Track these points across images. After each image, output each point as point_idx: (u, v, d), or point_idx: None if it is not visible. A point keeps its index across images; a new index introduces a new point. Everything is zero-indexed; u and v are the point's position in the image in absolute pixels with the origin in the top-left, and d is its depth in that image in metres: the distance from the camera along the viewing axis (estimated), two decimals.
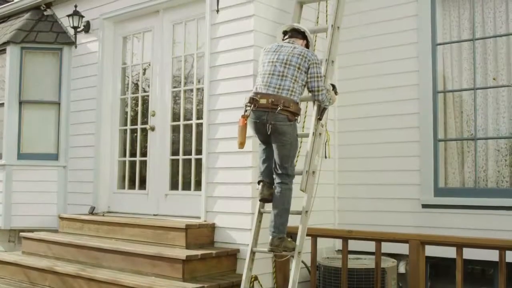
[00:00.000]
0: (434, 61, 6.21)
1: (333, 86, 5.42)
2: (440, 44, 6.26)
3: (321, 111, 5.29)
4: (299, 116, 5.06)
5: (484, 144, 6.06)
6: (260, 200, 5.22)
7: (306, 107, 6.19)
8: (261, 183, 5.15)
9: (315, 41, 6.36)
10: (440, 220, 6.00)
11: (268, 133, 4.91)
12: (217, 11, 6.21)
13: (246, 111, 4.98)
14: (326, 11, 6.70)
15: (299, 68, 4.97)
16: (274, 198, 5.02)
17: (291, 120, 4.93)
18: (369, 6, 6.64)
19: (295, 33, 5.33)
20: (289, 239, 5.00)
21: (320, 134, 5.24)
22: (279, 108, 4.83)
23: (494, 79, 6.02)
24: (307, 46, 5.36)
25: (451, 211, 5.96)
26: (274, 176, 5.08)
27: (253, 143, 5.76)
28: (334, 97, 5.37)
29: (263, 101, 4.90)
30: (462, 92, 6.21)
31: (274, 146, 5.00)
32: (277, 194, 4.99)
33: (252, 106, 4.93)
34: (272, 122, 4.85)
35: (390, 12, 6.50)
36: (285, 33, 5.40)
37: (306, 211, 4.99)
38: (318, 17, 6.65)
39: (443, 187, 6.15)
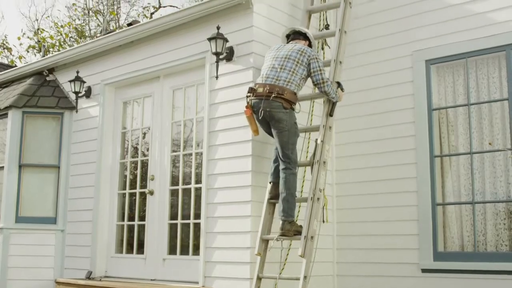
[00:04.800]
0: (430, 126, 6.29)
1: (339, 84, 5.77)
2: (435, 109, 6.36)
3: (331, 107, 5.66)
4: (295, 105, 5.37)
5: (482, 207, 6.07)
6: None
7: (305, 171, 6.24)
8: (270, 184, 5.52)
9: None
10: (440, 285, 5.95)
11: (265, 119, 5.29)
12: (216, 77, 6.33)
13: (247, 101, 5.40)
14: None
15: (298, 62, 5.35)
16: (280, 184, 5.32)
17: (286, 108, 5.25)
18: (366, 73, 6.77)
19: (297, 35, 5.75)
20: (297, 223, 5.31)
21: (318, 199, 5.26)
22: (273, 95, 5.18)
23: (490, 143, 6.08)
24: (309, 46, 5.73)
25: (451, 276, 5.92)
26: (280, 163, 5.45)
27: (252, 207, 5.78)
28: (340, 94, 5.73)
29: (259, 90, 5.29)
30: (459, 156, 6.27)
31: (274, 134, 5.35)
32: (281, 180, 5.30)
33: (251, 95, 5.34)
34: (267, 109, 5.21)
35: (387, 78, 6.63)
36: (288, 36, 5.80)
37: (305, 277, 4.96)
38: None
39: (443, 251, 6.12)
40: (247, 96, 5.45)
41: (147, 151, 7.45)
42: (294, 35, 5.77)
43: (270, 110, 5.23)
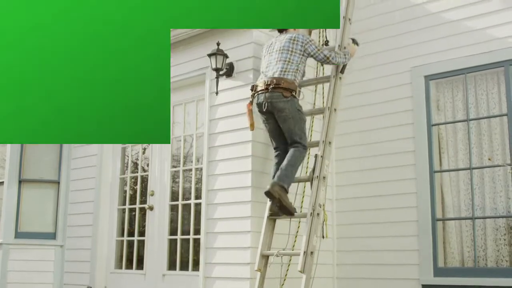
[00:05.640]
0: (430, 141, 6.30)
1: (353, 40, 5.95)
2: (435, 124, 6.37)
3: (341, 66, 5.85)
4: (296, 92, 5.47)
5: (482, 223, 6.07)
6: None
7: (304, 186, 6.24)
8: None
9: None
10: None
11: (270, 112, 5.42)
12: (216, 93, 6.35)
13: (250, 99, 5.60)
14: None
15: (291, 51, 5.50)
16: (285, 157, 5.41)
17: (286, 96, 5.39)
18: (366, 88, 6.79)
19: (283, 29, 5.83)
20: (291, 201, 5.37)
21: (318, 214, 5.25)
22: (271, 86, 5.36)
23: (489, 159, 6.09)
24: None
25: None
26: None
27: (251, 222, 5.77)
28: (353, 49, 5.90)
29: (260, 85, 5.48)
30: (458, 171, 6.27)
31: (280, 125, 5.48)
32: (288, 154, 5.40)
33: (253, 91, 5.54)
34: (268, 100, 5.38)
35: (386, 94, 6.65)
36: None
37: None
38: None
39: (443, 267, 6.11)
40: (251, 96, 5.62)
41: (147, 167, 7.45)
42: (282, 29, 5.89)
43: (271, 101, 5.38)
